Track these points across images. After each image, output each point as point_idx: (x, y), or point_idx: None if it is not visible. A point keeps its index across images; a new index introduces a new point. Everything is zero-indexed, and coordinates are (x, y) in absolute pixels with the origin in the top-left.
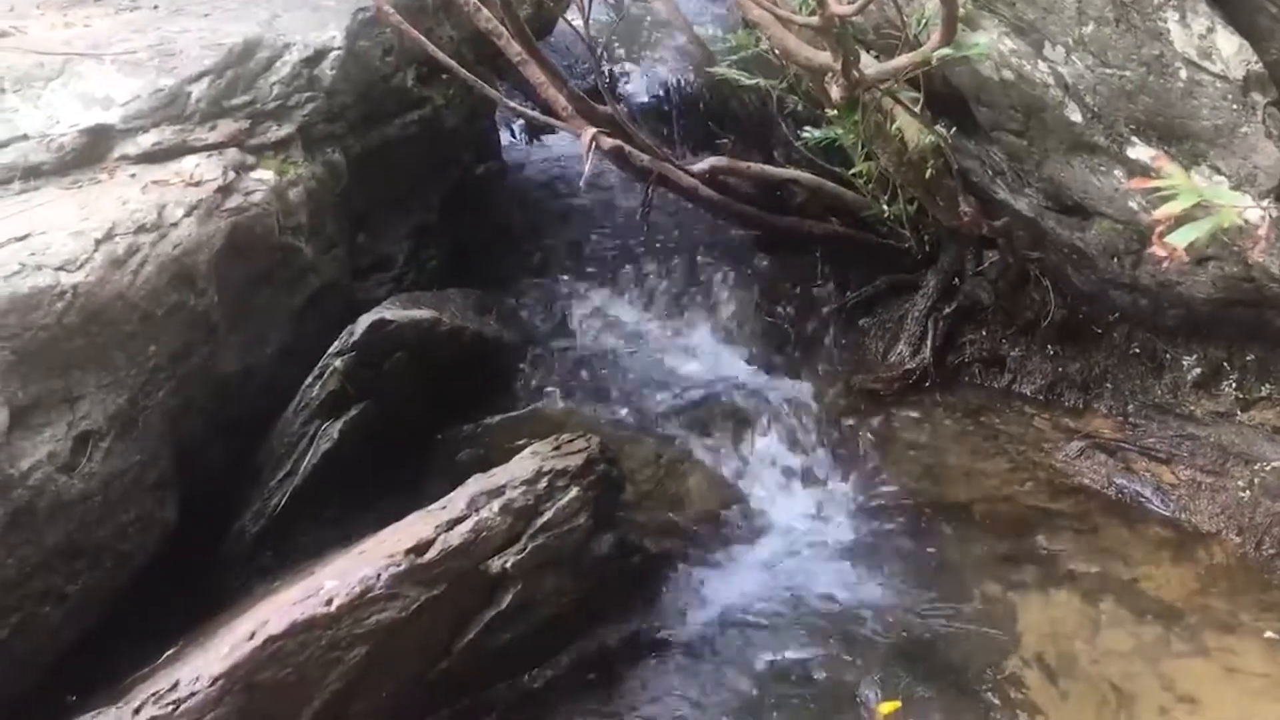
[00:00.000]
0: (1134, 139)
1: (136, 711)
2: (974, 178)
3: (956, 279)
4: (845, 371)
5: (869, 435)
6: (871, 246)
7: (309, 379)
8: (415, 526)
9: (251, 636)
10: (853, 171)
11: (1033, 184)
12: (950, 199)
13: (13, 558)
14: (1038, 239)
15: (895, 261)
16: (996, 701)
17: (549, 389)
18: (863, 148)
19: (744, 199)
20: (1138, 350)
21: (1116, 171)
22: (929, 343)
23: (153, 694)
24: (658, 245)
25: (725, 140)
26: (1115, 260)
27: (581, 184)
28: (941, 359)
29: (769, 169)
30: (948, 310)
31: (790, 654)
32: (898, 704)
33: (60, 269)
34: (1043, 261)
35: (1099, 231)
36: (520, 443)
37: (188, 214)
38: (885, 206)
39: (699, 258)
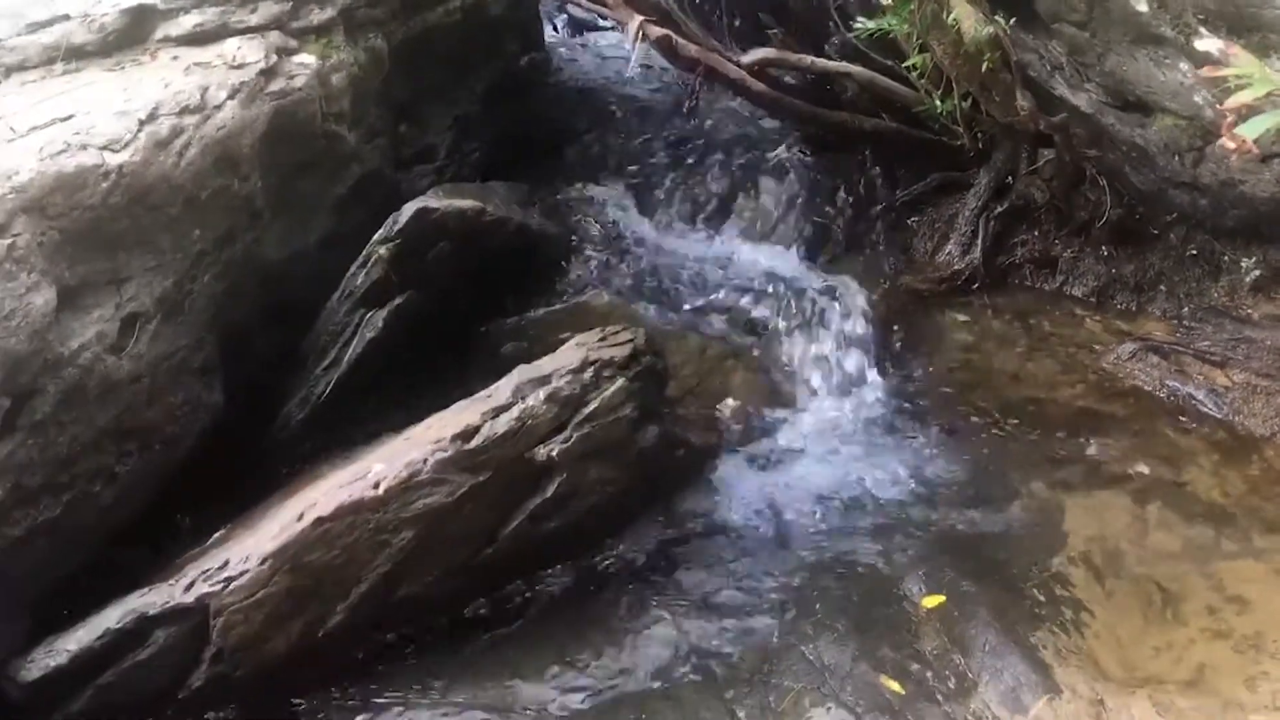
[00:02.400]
0: (1202, 30)
1: (188, 588)
2: (1031, 72)
3: (1009, 178)
4: (892, 271)
5: (915, 335)
6: (922, 143)
7: (353, 267)
8: (462, 414)
9: (300, 518)
10: (906, 65)
11: (1093, 79)
12: (1007, 94)
13: (64, 436)
14: (1096, 137)
15: (946, 159)
16: (1042, 599)
17: (592, 283)
18: (917, 40)
19: (793, 93)
20: (1195, 252)
21: (1182, 64)
22: (979, 243)
23: (203, 572)
24: (703, 141)
25: (775, 32)
26: (1176, 158)
27: (628, 73)
28: (991, 260)
29: (819, 62)
30: (999, 210)
31: (833, 548)
32: (942, 599)
33: (105, 149)
34: (1100, 160)
35: (1161, 128)
36: (563, 336)
37: (230, 96)
38: (938, 102)
39: (745, 154)
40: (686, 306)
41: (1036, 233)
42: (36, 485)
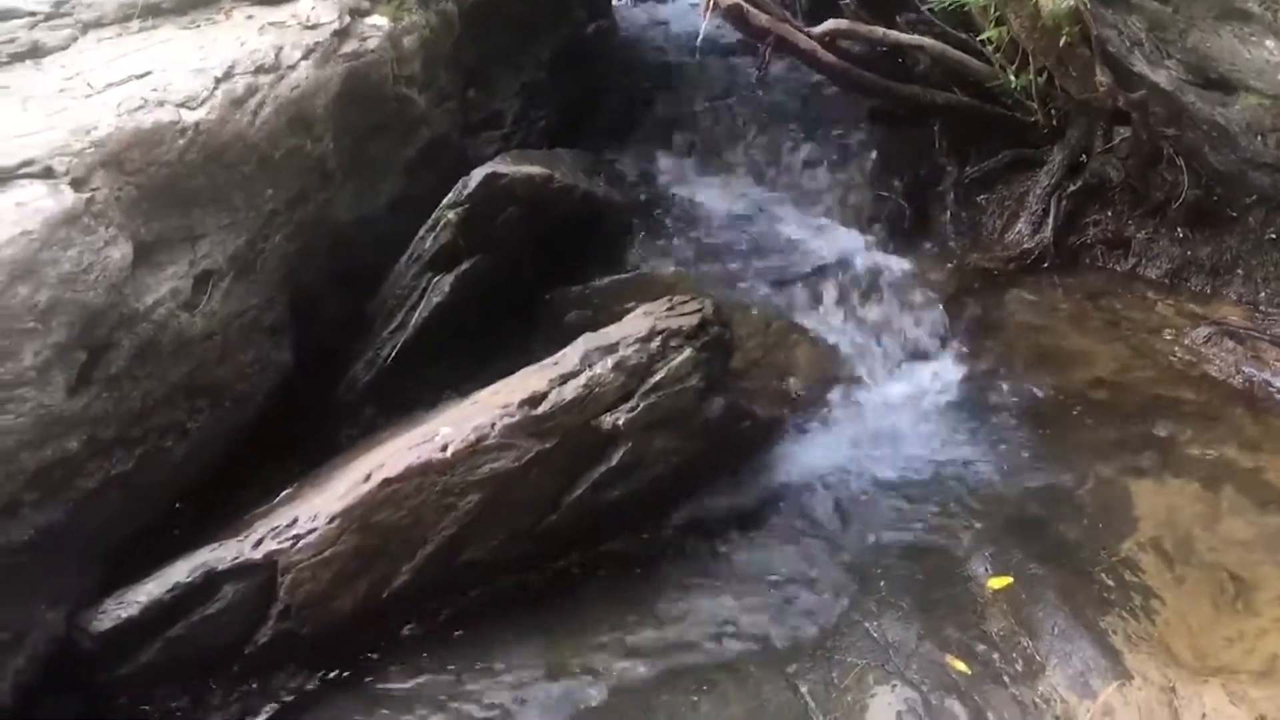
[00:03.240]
0: None
1: (256, 545)
2: (1110, 47)
3: (1084, 155)
4: (960, 249)
5: (982, 314)
6: (994, 119)
7: (422, 231)
8: (529, 380)
9: (368, 478)
10: (981, 38)
11: (1174, 55)
12: (1085, 70)
13: (138, 390)
14: (1175, 115)
15: (1019, 136)
16: (1111, 583)
17: (657, 253)
18: (993, 12)
19: (863, 65)
20: (1275, 235)
21: (1269, 42)
22: (1050, 221)
23: (272, 529)
24: (770, 113)
25: (847, 3)
26: (1259, 138)
27: (696, 42)
28: (1062, 239)
29: (892, 33)
30: (1072, 188)
31: (897, 526)
32: (1009, 580)
33: (182, 106)
34: (1178, 139)
35: (1243, 107)
36: (627, 306)
37: (305, 57)
38: (1013, 76)
39: (813, 127)
40: (751, 279)
41: (1110, 212)
42: (110, 438)
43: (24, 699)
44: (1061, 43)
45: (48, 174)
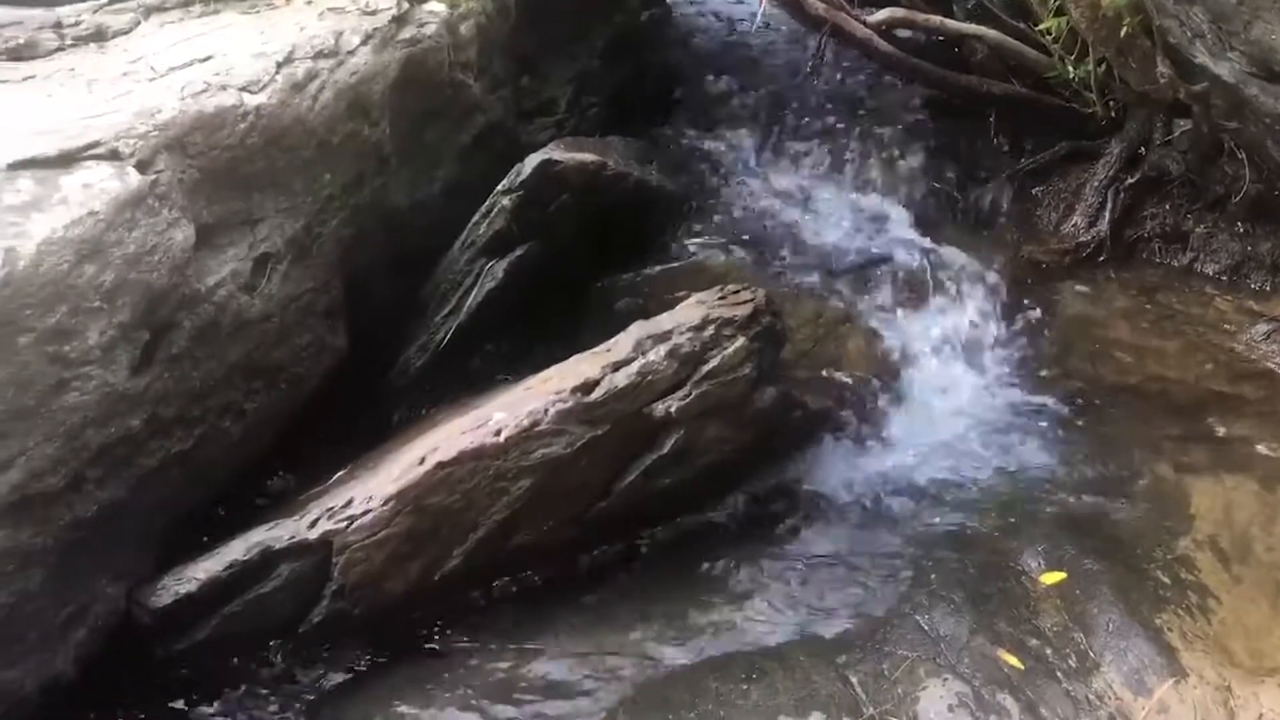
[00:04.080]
0: None
1: (312, 525)
2: (1171, 39)
3: (1142, 148)
4: (1014, 241)
5: (1036, 308)
6: (1051, 110)
7: (476, 217)
8: (581, 366)
9: (422, 461)
10: (1040, 28)
11: (1237, 47)
12: (1146, 61)
13: (198, 370)
14: (1237, 108)
15: (1076, 127)
16: (1166, 580)
17: (709, 243)
18: (1053, 2)
19: (920, 54)
20: None
21: None
22: (1107, 215)
23: (327, 509)
24: (824, 102)
25: None
26: None
27: (750, 30)
28: (1118, 233)
29: (949, 23)
30: (1130, 181)
31: (948, 519)
32: (1063, 576)
33: (243, 90)
34: (1240, 132)
35: None
36: (678, 295)
37: (364, 42)
38: (1071, 67)
39: (866, 117)
40: (803, 269)
41: (1168, 206)
42: (170, 417)
43: (85, 670)
44: (1122, 33)
45: (114, 156)
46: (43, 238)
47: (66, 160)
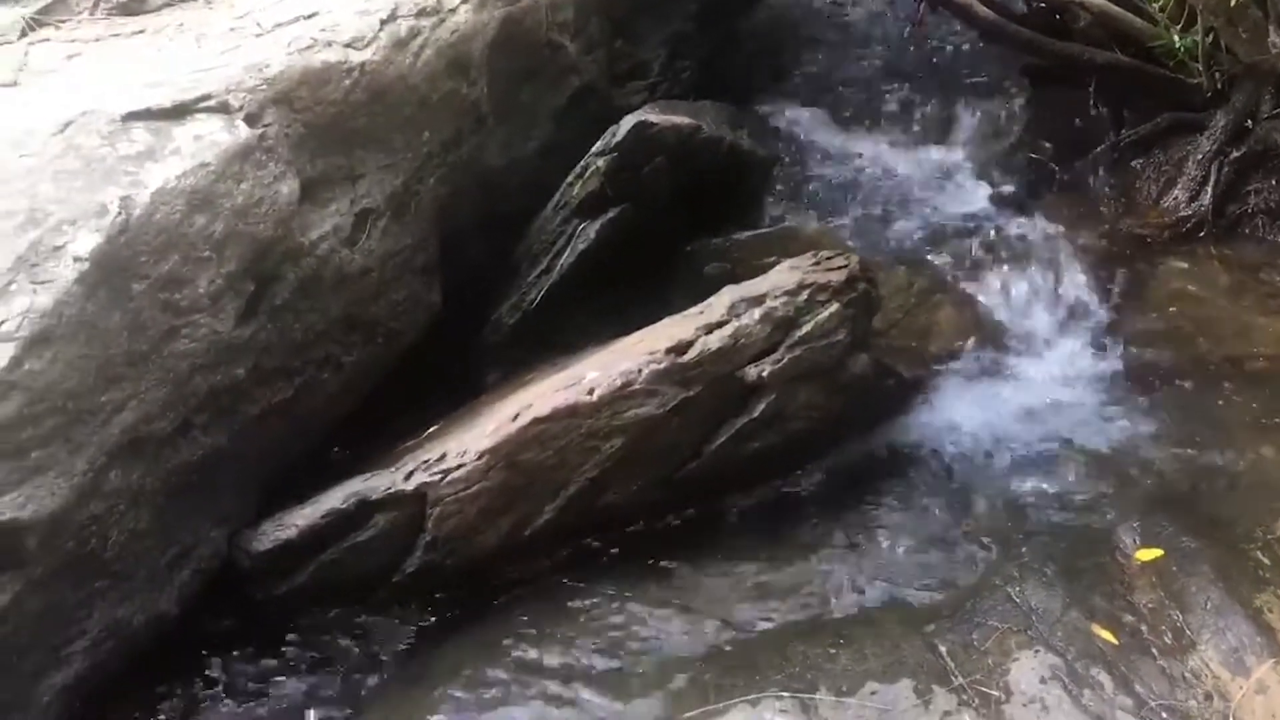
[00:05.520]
0: None
1: (408, 476)
2: None
3: (1249, 121)
4: (1112, 214)
5: (1134, 281)
6: (1155, 80)
7: (569, 178)
8: (675, 328)
9: (516, 417)
10: None
11: None
12: (1256, 31)
13: (299, 323)
14: None
15: (1179, 99)
16: (1267, 562)
17: (799, 208)
18: None
19: (1021, 21)
20: None
21: None
22: (1209, 189)
23: (423, 462)
24: (922, 68)
25: None
26: None
27: None
28: (1221, 208)
29: None
30: (1235, 155)
31: (1041, 491)
32: (1160, 553)
33: (349, 46)
34: None
35: None
36: (769, 260)
37: (464, 1)
38: (1177, 37)
39: (963, 84)
40: (896, 237)
41: (1274, 181)
42: (272, 368)
43: (186, 611)
44: (1232, 3)
45: (224, 109)
46: (157, 187)
47: (179, 112)
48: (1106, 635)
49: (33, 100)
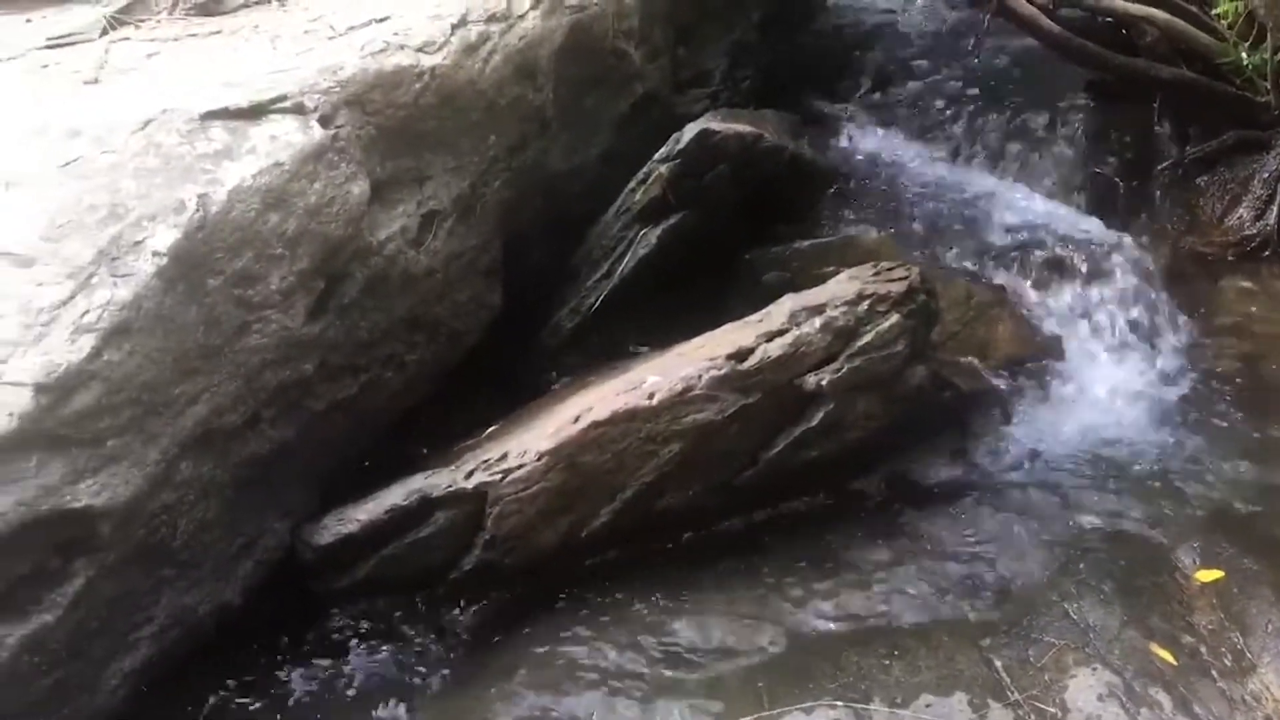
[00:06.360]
0: None
1: (468, 475)
2: None
3: None
4: (1175, 231)
5: (1195, 300)
6: (1221, 97)
7: (631, 184)
8: (735, 334)
9: (577, 420)
10: (1214, 12)
11: None
12: None
13: (366, 321)
14: None
15: (1246, 116)
16: None
17: (859, 219)
18: None
19: (1086, 35)
20: None
21: None
22: (1275, 208)
23: (483, 461)
24: (983, 81)
25: None
26: None
27: (908, 7)
28: None
29: (1119, 3)
30: None
31: (1098, 508)
32: (1220, 574)
33: (420, 50)
34: None
35: None
36: (828, 270)
37: (533, 7)
38: (1245, 53)
39: (1025, 97)
40: (955, 250)
41: None
42: (338, 365)
43: (249, 600)
44: None
45: (299, 110)
46: (233, 185)
47: (256, 112)
48: (1165, 655)
49: (114, 98)
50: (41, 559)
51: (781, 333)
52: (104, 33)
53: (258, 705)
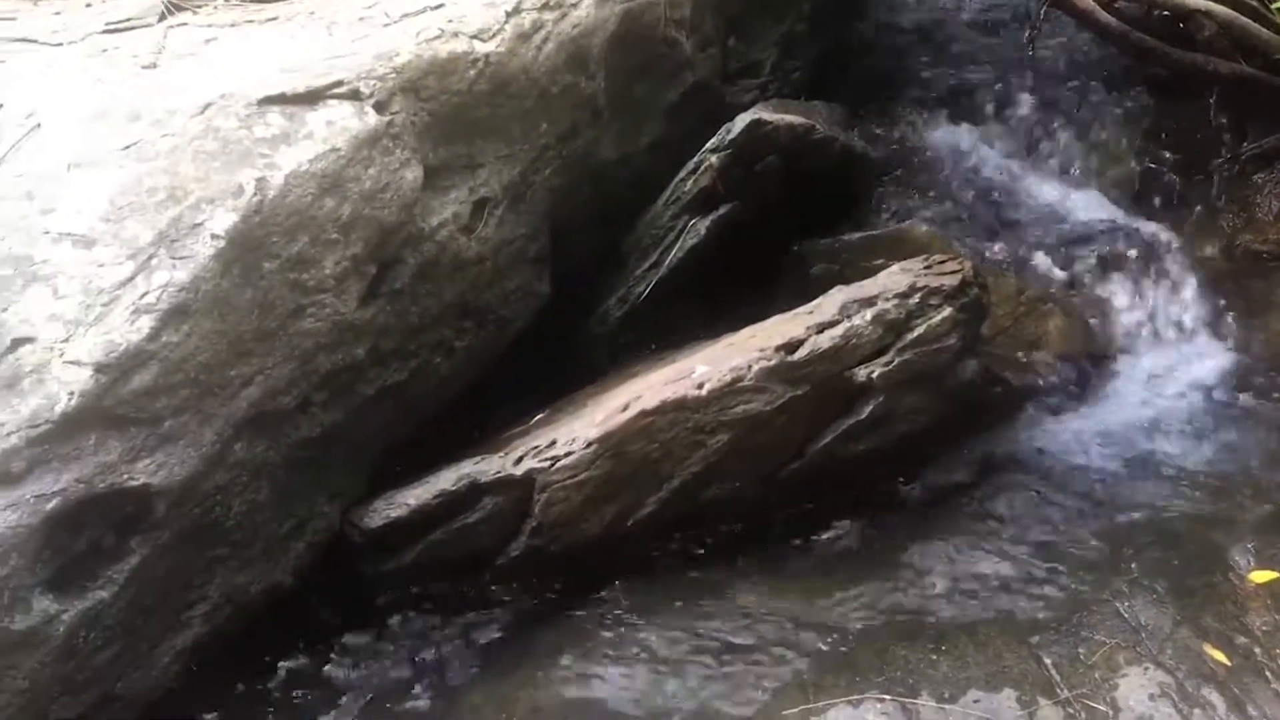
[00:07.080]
0: None
1: (517, 462)
2: None
3: None
4: (1230, 229)
5: (1250, 299)
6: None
7: (682, 173)
8: (785, 325)
9: (625, 409)
10: (1275, 6)
11: None
12: None
13: (416, 306)
14: None
15: None
16: None
17: (909, 211)
18: None
19: (1143, 29)
20: None
21: None
22: None
23: (532, 448)
24: (1037, 74)
25: None
26: None
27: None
28: None
29: None
30: None
31: (1152, 508)
32: (1275, 575)
33: (475, 37)
34: None
35: None
36: (878, 262)
37: None
38: None
39: (1079, 92)
40: (1005, 243)
41: None
42: (389, 350)
43: (299, 581)
44: None
45: (354, 96)
46: (290, 170)
47: (313, 98)
48: (1218, 655)
49: (172, 82)
50: (98, 536)
51: (832, 324)
52: (162, 18)
53: (307, 685)
